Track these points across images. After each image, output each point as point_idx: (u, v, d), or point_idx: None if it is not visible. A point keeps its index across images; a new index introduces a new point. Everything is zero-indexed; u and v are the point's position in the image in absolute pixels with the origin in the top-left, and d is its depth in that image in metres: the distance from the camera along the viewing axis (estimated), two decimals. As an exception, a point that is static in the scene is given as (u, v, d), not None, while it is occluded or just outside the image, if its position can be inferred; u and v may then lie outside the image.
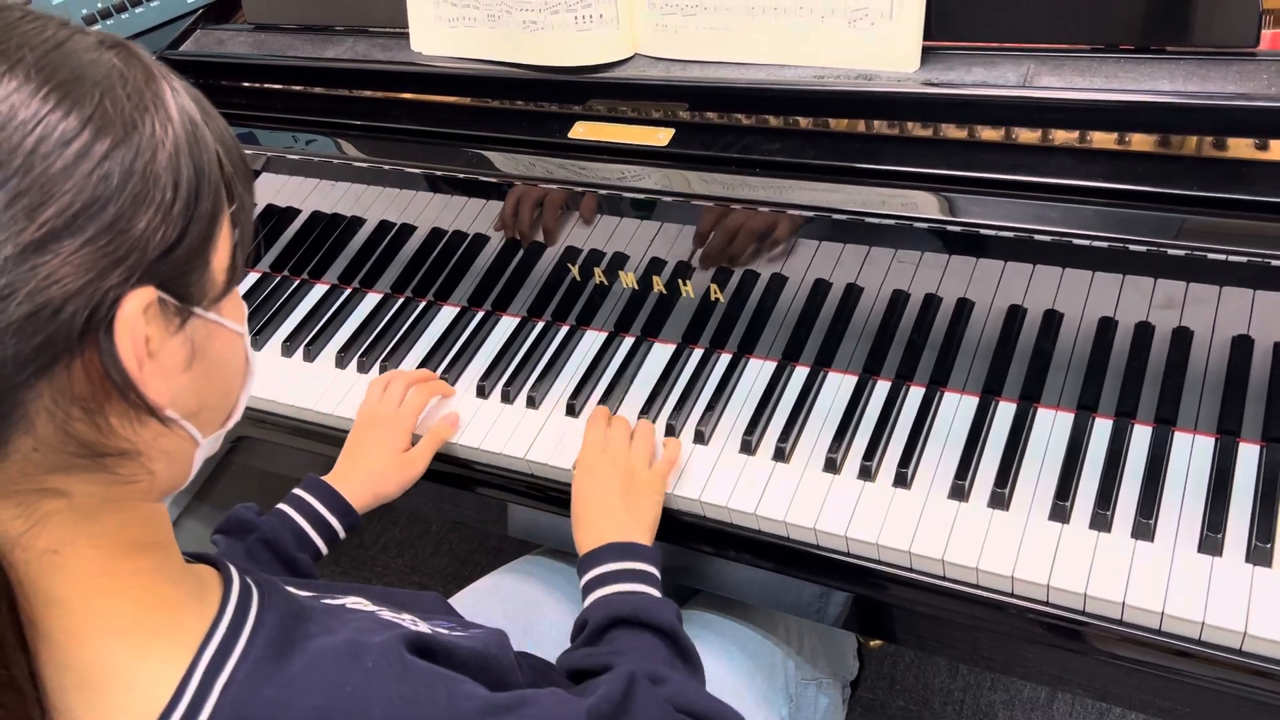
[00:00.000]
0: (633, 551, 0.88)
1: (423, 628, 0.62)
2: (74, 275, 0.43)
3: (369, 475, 1.00)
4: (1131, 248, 0.82)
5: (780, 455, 0.98)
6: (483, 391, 1.11)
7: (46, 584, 0.49)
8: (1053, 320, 0.91)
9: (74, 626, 0.50)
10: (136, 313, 0.45)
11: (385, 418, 1.05)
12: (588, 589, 0.87)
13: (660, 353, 1.11)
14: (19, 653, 0.49)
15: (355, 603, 0.67)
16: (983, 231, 0.87)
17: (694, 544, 0.99)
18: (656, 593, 0.86)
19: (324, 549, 0.95)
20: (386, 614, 0.64)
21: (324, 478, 0.98)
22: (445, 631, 0.65)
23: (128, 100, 0.46)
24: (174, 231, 0.46)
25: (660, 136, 1.00)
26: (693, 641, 0.84)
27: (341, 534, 0.96)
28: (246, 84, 1.23)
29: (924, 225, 0.89)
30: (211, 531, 0.93)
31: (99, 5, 1.25)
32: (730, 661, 0.99)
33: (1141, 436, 0.92)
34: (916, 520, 0.90)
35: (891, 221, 0.90)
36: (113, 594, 0.51)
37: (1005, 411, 0.97)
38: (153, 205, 0.45)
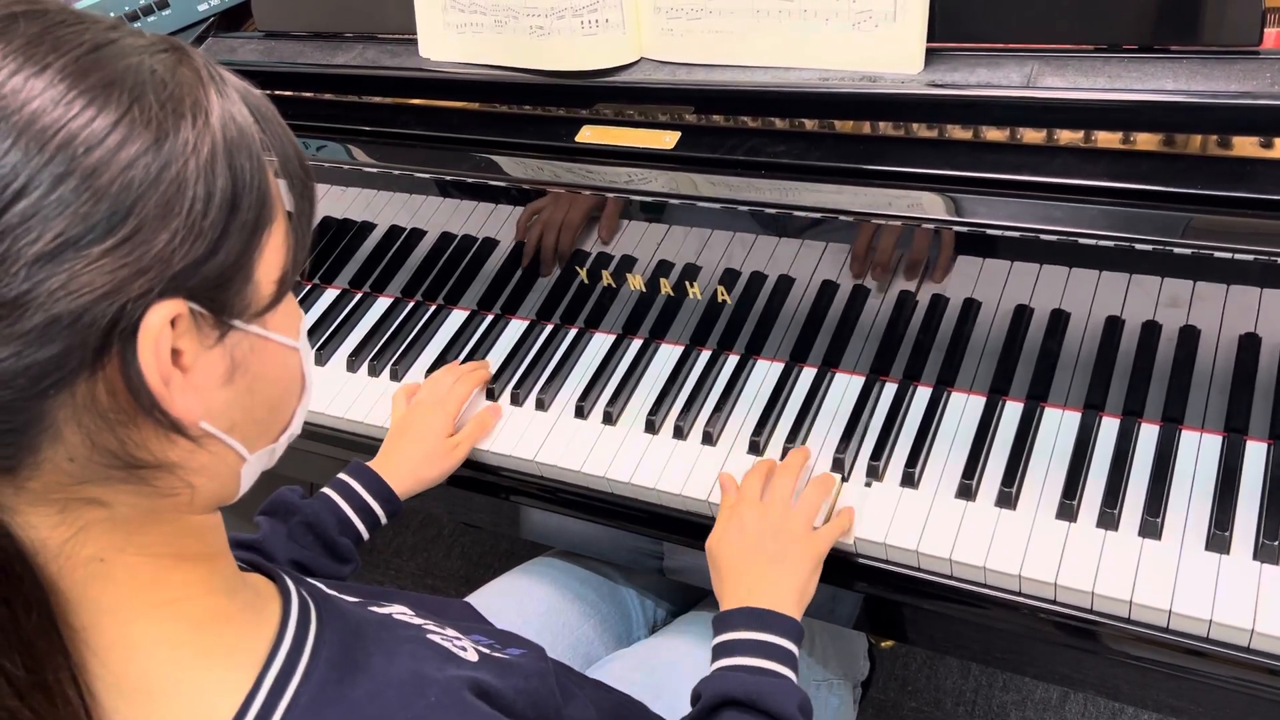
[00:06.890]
0: (768, 621, 0.82)
1: (470, 654, 0.61)
2: (93, 285, 0.42)
3: (414, 460, 1.01)
4: (1138, 247, 0.82)
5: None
6: (492, 394, 1.12)
7: (96, 593, 0.48)
8: (1059, 320, 0.92)
9: (127, 637, 0.49)
10: (162, 325, 0.44)
11: (432, 401, 1.06)
12: (716, 653, 0.82)
13: (668, 354, 1.12)
14: (57, 658, 0.47)
15: (401, 612, 0.66)
16: (989, 232, 0.87)
17: (701, 544, 0.99)
18: (788, 672, 0.79)
19: (365, 534, 0.96)
20: (432, 629, 0.63)
21: (369, 463, 0.99)
22: (486, 651, 0.64)
23: (160, 107, 0.44)
24: (204, 243, 0.45)
25: (667, 140, 1.01)
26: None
27: (384, 519, 0.97)
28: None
29: (930, 226, 0.90)
30: (255, 513, 0.93)
31: (110, 15, 1.26)
32: (740, 662, 0.99)
33: (1149, 435, 0.92)
34: (924, 520, 0.91)
35: (897, 223, 0.90)
36: (164, 605, 0.50)
37: (1012, 411, 0.97)
38: (180, 215, 0.44)
